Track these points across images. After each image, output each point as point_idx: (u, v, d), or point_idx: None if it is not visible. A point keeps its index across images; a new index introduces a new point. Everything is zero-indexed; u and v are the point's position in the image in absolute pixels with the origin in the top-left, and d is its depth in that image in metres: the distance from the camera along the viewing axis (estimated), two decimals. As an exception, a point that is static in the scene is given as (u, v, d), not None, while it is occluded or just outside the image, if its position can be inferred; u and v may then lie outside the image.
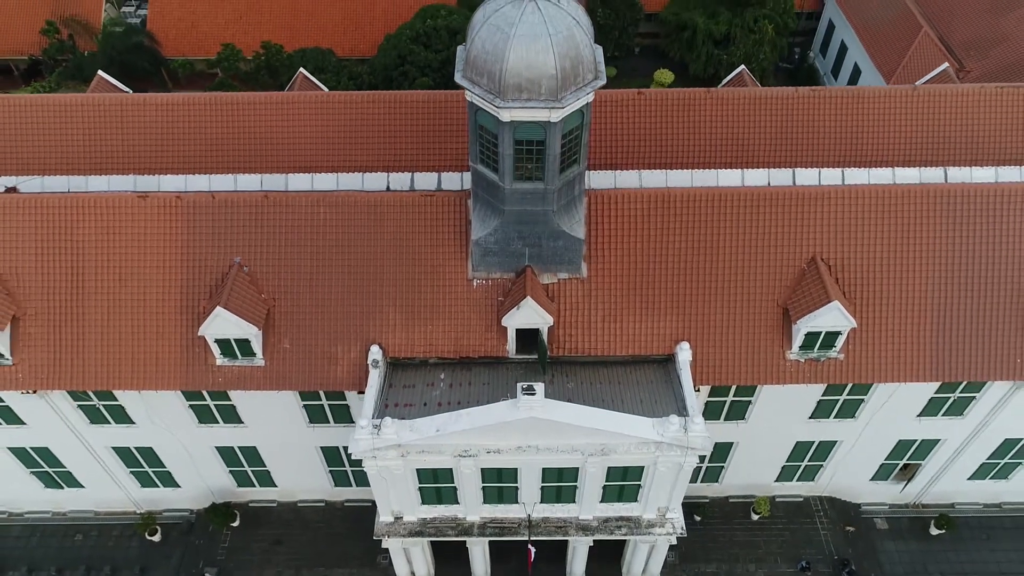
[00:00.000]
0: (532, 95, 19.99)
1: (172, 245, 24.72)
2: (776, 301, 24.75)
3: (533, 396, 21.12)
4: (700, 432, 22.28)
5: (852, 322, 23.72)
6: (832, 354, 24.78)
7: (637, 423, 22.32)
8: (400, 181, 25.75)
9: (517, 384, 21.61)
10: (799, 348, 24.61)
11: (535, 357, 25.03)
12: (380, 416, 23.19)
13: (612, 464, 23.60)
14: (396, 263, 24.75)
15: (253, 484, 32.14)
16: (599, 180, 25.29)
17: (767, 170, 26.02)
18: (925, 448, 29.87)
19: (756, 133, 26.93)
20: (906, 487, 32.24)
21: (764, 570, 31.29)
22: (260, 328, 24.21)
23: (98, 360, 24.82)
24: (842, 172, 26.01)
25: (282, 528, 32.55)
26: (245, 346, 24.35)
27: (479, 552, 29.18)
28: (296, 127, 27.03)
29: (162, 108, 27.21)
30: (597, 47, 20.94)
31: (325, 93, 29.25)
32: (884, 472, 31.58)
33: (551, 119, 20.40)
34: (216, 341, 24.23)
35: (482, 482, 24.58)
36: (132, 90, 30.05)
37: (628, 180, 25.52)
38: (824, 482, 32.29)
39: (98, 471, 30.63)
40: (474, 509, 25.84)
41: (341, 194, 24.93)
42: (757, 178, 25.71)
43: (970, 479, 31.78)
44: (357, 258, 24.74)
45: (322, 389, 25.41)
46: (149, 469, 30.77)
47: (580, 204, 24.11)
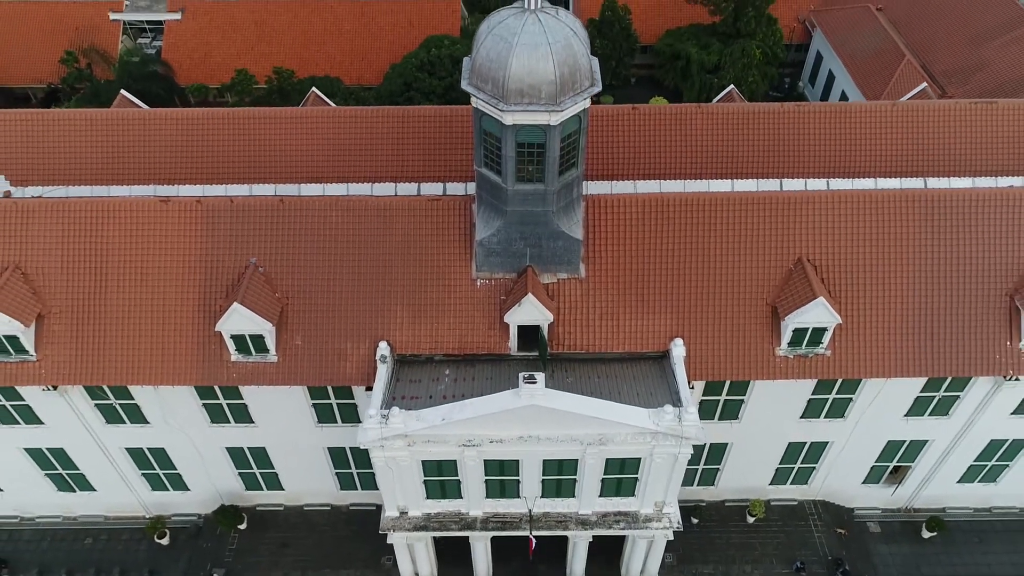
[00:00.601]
0: (533, 99, 21.44)
1: (191, 246, 25.97)
2: (765, 300, 25.93)
3: (535, 384, 22.20)
4: (693, 421, 23.24)
5: (837, 318, 24.86)
6: (819, 350, 25.89)
7: (634, 412, 23.31)
8: (407, 191, 27.11)
9: (519, 375, 22.61)
10: (788, 344, 25.73)
11: (536, 354, 26.15)
12: (388, 408, 24.22)
13: (610, 455, 24.53)
14: (404, 264, 25.99)
15: (261, 487, 32.94)
16: (596, 189, 26.63)
17: (756, 180, 27.39)
18: (914, 449, 30.79)
19: (745, 146, 28.44)
20: (897, 490, 33.03)
21: (760, 571, 31.94)
22: (274, 324, 25.36)
23: (118, 356, 25.88)
24: (827, 183, 27.37)
25: (289, 531, 33.29)
26: (259, 342, 25.47)
27: (481, 550, 29.88)
28: (309, 141, 28.63)
29: (181, 122, 28.87)
30: (593, 57, 22.50)
31: (336, 108, 30.99)
32: (875, 475, 32.42)
33: (551, 122, 21.83)
34: (232, 337, 25.33)
35: (485, 475, 25.49)
36: (151, 109, 31.67)
37: (624, 190, 26.86)
38: (817, 485, 33.09)
39: (111, 473, 31.48)
40: (477, 504, 26.70)
41: (352, 198, 26.31)
42: (746, 189, 26.94)
43: (960, 482, 32.60)
44: (367, 259, 25.98)
45: (332, 384, 26.42)
46: (160, 471, 31.63)
47: (578, 207, 25.46)
